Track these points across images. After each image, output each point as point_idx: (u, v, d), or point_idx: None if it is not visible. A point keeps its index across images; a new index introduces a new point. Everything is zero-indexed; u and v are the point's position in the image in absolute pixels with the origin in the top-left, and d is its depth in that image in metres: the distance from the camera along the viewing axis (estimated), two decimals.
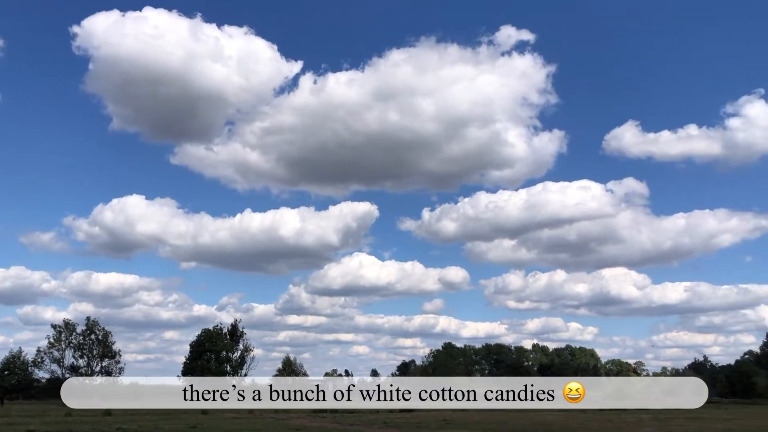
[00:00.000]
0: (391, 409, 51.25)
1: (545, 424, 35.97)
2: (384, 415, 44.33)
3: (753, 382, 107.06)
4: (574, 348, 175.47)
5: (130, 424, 31.68)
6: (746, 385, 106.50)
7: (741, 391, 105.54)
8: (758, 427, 35.06)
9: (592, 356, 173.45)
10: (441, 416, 43.04)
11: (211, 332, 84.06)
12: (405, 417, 42.75)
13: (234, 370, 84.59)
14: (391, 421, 38.19)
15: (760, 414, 54.34)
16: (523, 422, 37.49)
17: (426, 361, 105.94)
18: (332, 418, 40.36)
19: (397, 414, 46.62)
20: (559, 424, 36.00)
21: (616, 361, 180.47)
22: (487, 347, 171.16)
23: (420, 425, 34.72)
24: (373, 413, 47.22)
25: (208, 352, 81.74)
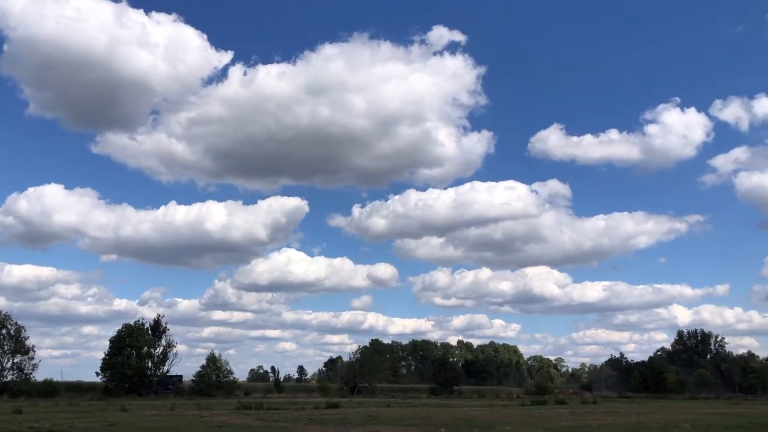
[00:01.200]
0: (317, 405, 51.29)
1: (468, 419, 36.61)
2: (309, 412, 44.11)
3: (664, 378, 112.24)
4: (498, 344, 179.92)
5: (43, 422, 30.34)
6: (658, 381, 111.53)
7: (653, 386, 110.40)
8: (667, 420, 36.75)
9: (514, 353, 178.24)
10: (366, 412, 43.19)
11: (133, 327, 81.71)
12: (330, 413, 42.66)
13: (156, 367, 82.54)
14: (317, 417, 38.03)
15: (669, 407, 57.03)
16: (447, 418, 38.04)
17: (353, 358, 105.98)
18: (257, 415, 39.86)
19: (322, 410, 46.49)
20: (481, 419, 36.71)
21: (537, 357, 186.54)
22: (413, 343, 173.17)
23: (345, 421, 34.71)
24: (298, 409, 46.94)
25: (128, 348, 79.41)
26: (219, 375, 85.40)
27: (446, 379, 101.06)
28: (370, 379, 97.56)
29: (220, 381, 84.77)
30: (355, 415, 40.57)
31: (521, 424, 33.31)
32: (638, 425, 33.18)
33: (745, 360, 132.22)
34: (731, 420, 37.61)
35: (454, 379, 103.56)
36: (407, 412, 45.27)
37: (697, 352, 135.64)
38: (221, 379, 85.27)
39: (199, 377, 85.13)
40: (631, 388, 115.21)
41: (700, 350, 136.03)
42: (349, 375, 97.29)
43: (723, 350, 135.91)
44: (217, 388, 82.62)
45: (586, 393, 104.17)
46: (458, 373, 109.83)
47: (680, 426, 32.14)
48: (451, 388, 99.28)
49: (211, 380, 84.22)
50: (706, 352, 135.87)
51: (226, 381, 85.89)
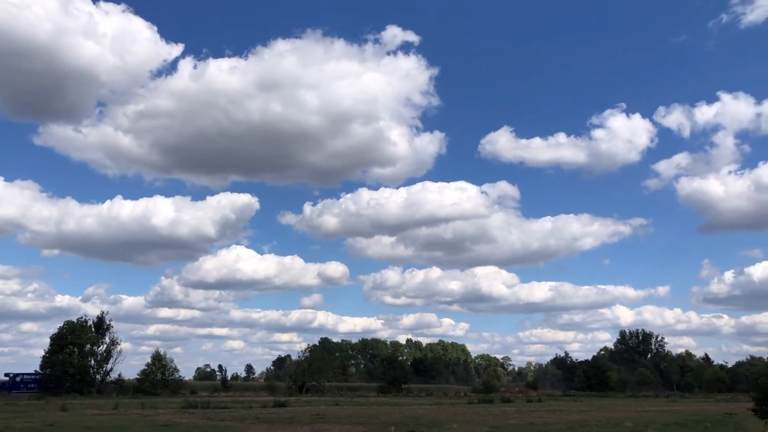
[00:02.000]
0: (264, 404, 50.82)
1: (415, 417, 36.84)
2: (257, 410, 43.68)
3: (607, 377, 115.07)
4: (447, 343, 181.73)
5: None
6: (601, 379, 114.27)
7: (596, 384, 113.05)
8: (608, 418, 37.73)
9: (463, 351, 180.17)
10: (314, 411, 43.02)
11: (75, 324, 79.35)
12: (278, 412, 42.34)
13: (99, 365, 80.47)
14: (264, 416, 37.70)
15: (611, 406, 58.51)
16: (395, 416, 38.20)
17: (302, 357, 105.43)
18: (202, 414, 39.27)
19: (270, 409, 46.11)
20: (429, 417, 36.99)
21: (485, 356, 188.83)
22: (363, 342, 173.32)
23: (293, 420, 34.51)
24: (245, 408, 46.45)
25: (70, 345, 77.12)
26: (164, 373, 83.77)
27: (395, 378, 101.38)
28: (319, 377, 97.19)
29: (165, 379, 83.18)
30: (303, 413, 40.38)
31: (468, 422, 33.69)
32: (581, 423, 33.94)
33: (683, 359, 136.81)
34: (669, 417, 38.84)
35: (403, 377, 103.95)
36: (355, 410, 45.28)
37: (639, 351, 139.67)
38: (167, 377, 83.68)
39: (144, 375, 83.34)
40: (575, 386, 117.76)
41: (641, 350, 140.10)
42: (298, 374, 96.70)
43: (663, 350, 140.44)
44: (162, 386, 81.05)
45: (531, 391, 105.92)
46: (407, 372, 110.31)
47: (622, 424, 33.02)
48: (400, 386, 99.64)
49: (156, 379, 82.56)
50: (647, 352, 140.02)
51: (172, 379, 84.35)
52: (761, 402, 25.50)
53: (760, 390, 25.61)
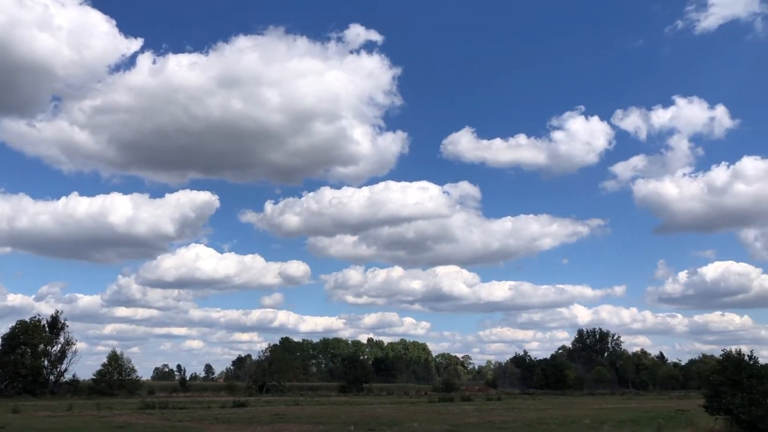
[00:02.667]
0: (224, 404, 50.28)
1: (376, 417, 36.89)
2: (216, 411, 43.21)
3: (565, 375, 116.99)
4: (408, 342, 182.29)
5: None
6: (559, 377, 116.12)
7: (554, 382, 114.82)
8: (566, 416, 38.35)
9: (424, 350, 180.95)
10: (274, 411, 42.75)
11: (28, 324, 77.25)
12: (237, 412, 41.94)
13: (53, 365, 78.57)
14: (223, 416, 37.30)
15: (569, 403, 59.49)
16: (355, 415, 38.19)
17: (262, 356, 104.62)
18: (160, 415, 38.68)
19: (229, 409, 45.65)
20: (389, 417, 37.08)
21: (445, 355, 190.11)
22: (324, 342, 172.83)
23: (252, 420, 34.23)
24: (204, 408, 45.90)
25: (23, 346, 75.08)
26: (121, 374, 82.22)
27: (356, 377, 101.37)
28: (279, 377, 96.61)
29: (122, 380, 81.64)
30: (263, 413, 40.09)
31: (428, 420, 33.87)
32: (539, 421, 34.41)
33: (638, 357, 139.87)
34: (624, 414, 39.66)
35: (364, 376, 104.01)
36: (316, 410, 45.13)
37: (596, 350, 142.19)
38: (123, 378, 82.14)
39: (100, 376, 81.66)
40: (534, 384, 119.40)
41: (598, 348, 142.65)
42: (258, 374, 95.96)
43: (619, 348, 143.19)
44: (118, 387, 79.53)
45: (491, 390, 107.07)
46: (368, 371, 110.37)
47: (579, 421, 33.59)
48: (361, 386, 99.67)
49: (112, 379, 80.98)
50: (603, 350, 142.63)
51: (129, 380, 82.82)
52: (712, 399, 26.17)
53: (711, 387, 26.28)
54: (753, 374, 25.10)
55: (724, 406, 25.44)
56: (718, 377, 25.91)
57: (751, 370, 25.19)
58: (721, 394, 25.56)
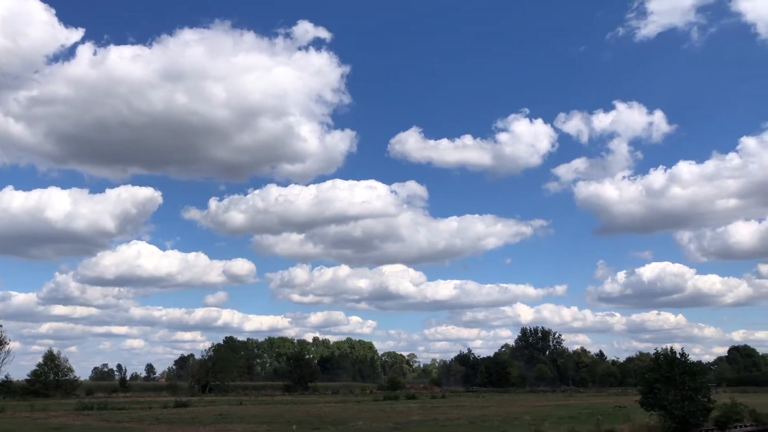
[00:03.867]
0: (165, 404, 49.31)
1: (321, 415, 36.82)
2: (157, 411, 42.38)
3: (508, 373, 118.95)
4: (354, 341, 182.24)
5: None
6: (502, 375, 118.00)
7: (497, 380, 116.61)
8: (508, 413, 39.08)
9: (370, 349, 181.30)
10: (217, 411, 42.19)
11: None
12: (179, 412, 41.24)
13: None
14: (164, 417, 36.62)
15: (511, 401, 60.60)
16: (300, 414, 38.03)
17: (206, 355, 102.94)
18: (98, 416, 37.70)
19: (171, 409, 44.83)
20: (334, 415, 37.06)
21: (391, 353, 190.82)
22: (269, 341, 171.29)
23: (195, 420, 33.71)
24: (145, 409, 44.96)
25: None
26: (57, 374, 79.69)
27: (301, 376, 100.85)
28: (223, 377, 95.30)
29: (58, 380, 79.13)
30: (206, 413, 39.53)
31: (373, 419, 34.00)
32: (482, 418, 34.96)
33: (578, 355, 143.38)
34: (565, 411, 40.63)
35: (310, 375, 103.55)
36: (260, 409, 44.75)
37: (538, 348, 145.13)
38: (60, 378, 79.63)
39: (35, 376, 78.95)
40: (478, 382, 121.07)
41: (540, 346, 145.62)
42: (201, 373, 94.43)
43: (560, 346, 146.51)
44: (54, 388, 77.02)
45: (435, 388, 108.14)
46: (314, 370, 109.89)
47: (520, 418, 34.25)
48: (306, 385, 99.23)
49: (48, 380, 78.39)
50: (545, 348, 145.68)
51: (66, 380, 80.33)
52: (647, 395, 27.05)
53: (646, 384, 27.16)
54: (685, 371, 26.07)
55: (659, 402, 26.35)
56: (653, 374, 26.80)
57: (683, 367, 26.16)
58: (655, 391, 26.44)
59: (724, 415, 28.23)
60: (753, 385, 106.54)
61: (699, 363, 29.95)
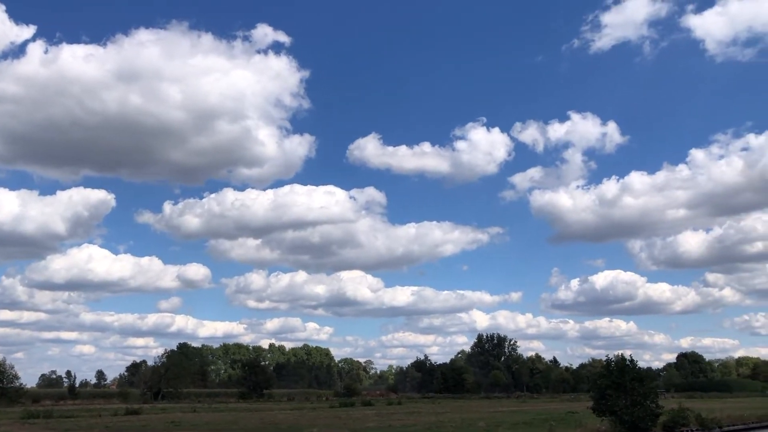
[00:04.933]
0: (116, 412, 48.19)
1: (276, 423, 36.48)
2: (106, 419, 41.39)
3: (463, 379, 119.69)
4: (311, 347, 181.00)
5: None
6: (458, 381, 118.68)
7: (453, 386, 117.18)
8: (463, 419, 39.32)
9: (326, 355, 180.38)
10: (169, 419, 41.43)
11: None
12: (130, 420, 40.36)
13: None
14: (114, 425, 35.78)
15: (466, 407, 60.98)
16: (254, 422, 37.62)
17: (159, 362, 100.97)
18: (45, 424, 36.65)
19: (121, 417, 43.83)
20: (289, 422, 36.77)
21: (348, 359, 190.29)
22: (224, 347, 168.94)
23: (146, 428, 33.04)
24: (94, 417, 43.87)
25: None
26: (2, 381, 77.20)
27: (257, 383, 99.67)
28: (176, 384, 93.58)
29: (3, 388, 76.63)
30: (158, 421, 38.78)
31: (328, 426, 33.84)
32: (437, 424, 35.10)
33: (532, 362, 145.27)
34: (519, 417, 41.07)
35: (265, 382, 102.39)
36: (214, 417, 44.12)
37: (493, 354, 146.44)
38: (5, 385, 77.13)
39: None
40: (434, 388, 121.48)
41: (495, 353, 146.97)
42: (154, 380, 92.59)
43: (515, 353, 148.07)
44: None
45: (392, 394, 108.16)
46: (269, 377, 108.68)
47: (475, 424, 34.52)
48: (262, 391, 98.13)
49: None
50: (500, 355, 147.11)
51: (11, 388, 77.82)
52: (599, 401, 27.59)
53: (598, 390, 27.70)
54: (635, 377, 26.67)
55: (610, 407, 26.89)
56: (604, 381, 27.35)
57: (633, 374, 26.76)
58: (606, 397, 26.98)
59: (671, 420, 28.97)
60: (700, 391, 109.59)
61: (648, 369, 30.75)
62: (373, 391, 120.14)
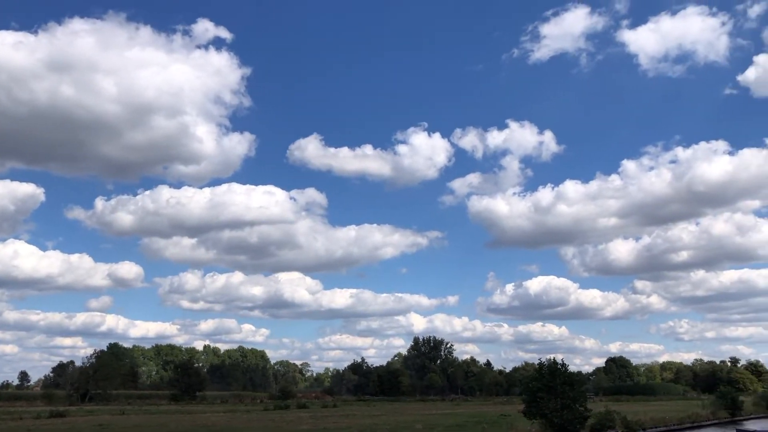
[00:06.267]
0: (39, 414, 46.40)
1: (208, 426, 35.82)
2: (29, 422, 39.80)
3: (399, 381, 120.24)
4: (246, 349, 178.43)
5: None
6: (394, 384, 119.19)
7: (389, 389, 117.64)
8: (398, 421, 39.52)
9: (262, 357, 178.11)
10: (97, 421, 40.15)
11: None
12: (54, 423, 38.92)
13: None
14: (37, 428, 34.44)
15: (402, 409, 61.31)
16: (185, 424, 36.84)
17: (87, 363, 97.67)
18: None
19: (44, 420, 42.22)
20: (222, 425, 36.17)
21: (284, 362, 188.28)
22: (157, 348, 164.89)
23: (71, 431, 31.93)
24: (15, 419, 42.11)
25: None
26: None
27: (190, 385, 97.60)
28: (105, 385, 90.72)
29: None
30: (85, 424, 37.55)
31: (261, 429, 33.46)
32: (372, 427, 35.15)
33: (467, 365, 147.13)
34: (453, 419, 41.56)
35: (198, 384, 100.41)
36: (143, 419, 42.99)
37: (429, 357, 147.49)
38: None
39: None
40: (370, 391, 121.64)
41: (431, 356, 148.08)
42: (81, 381, 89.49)
43: (450, 356, 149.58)
44: None
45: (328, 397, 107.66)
46: (203, 378, 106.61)
47: (411, 426, 34.73)
48: (195, 393, 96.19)
49: None
50: (436, 358, 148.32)
51: None
52: (530, 404, 28.18)
53: (530, 393, 28.30)
54: (565, 381, 27.37)
55: (541, 410, 27.50)
56: (536, 384, 27.96)
57: (564, 378, 27.45)
58: (537, 400, 27.58)
59: (598, 423, 29.85)
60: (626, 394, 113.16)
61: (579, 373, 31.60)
62: (308, 394, 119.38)
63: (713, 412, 47.44)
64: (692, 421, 42.07)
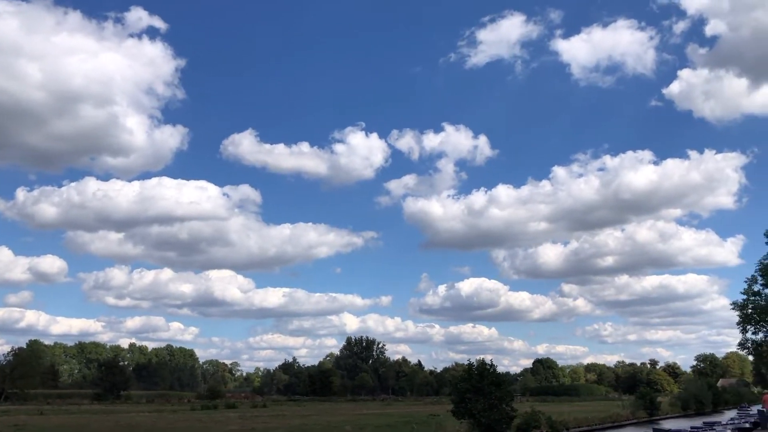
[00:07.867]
0: None
1: (132, 426, 34.87)
2: None
3: (331, 381, 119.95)
4: (175, 348, 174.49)
5: None
6: (325, 384, 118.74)
7: (320, 389, 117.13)
8: (329, 422, 39.49)
9: (191, 356, 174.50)
10: (12, 422, 38.47)
11: None
12: None
13: None
14: None
15: (332, 410, 61.22)
16: (108, 425, 35.75)
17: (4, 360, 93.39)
18: None
19: None
20: (147, 425, 35.27)
21: (213, 361, 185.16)
22: (80, 345, 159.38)
23: None
24: None
25: None
26: None
27: (114, 384, 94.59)
28: (23, 384, 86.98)
29: None
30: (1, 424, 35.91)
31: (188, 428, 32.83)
32: (302, 427, 34.99)
33: (399, 365, 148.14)
34: (383, 419, 41.80)
35: (123, 383, 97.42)
36: (64, 419, 41.47)
37: (362, 357, 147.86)
38: None
39: None
40: (301, 391, 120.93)
41: (364, 356, 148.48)
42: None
43: (382, 356, 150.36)
44: None
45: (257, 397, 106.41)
46: (128, 377, 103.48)
47: (341, 427, 34.73)
48: (119, 393, 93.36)
49: None
50: (369, 358, 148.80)
51: None
52: (459, 404, 28.57)
53: (458, 393, 28.70)
54: (493, 382, 27.89)
55: (469, 410, 27.92)
56: (464, 384, 28.37)
57: (492, 378, 27.97)
58: (466, 400, 28.00)
59: (524, 423, 30.54)
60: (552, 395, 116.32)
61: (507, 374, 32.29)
62: (237, 394, 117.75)
63: (633, 413, 49.30)
64: (613, 421, 43.64)
